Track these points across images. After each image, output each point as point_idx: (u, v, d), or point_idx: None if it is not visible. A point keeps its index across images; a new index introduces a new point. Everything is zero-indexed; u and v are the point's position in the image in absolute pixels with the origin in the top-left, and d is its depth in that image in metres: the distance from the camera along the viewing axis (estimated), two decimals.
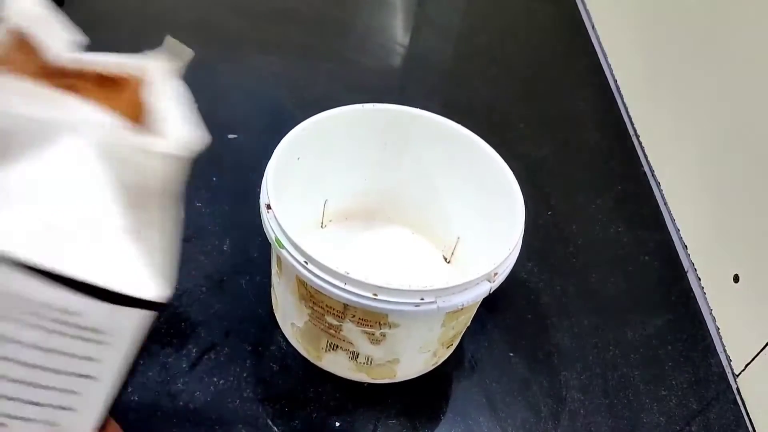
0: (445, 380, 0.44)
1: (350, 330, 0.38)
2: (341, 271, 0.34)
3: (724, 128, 0.52)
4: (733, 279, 0.49)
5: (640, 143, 0.66)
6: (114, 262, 0.25)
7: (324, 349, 0.41)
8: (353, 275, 0.34)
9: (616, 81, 0.73)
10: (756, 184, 0.47)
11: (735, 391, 0.47)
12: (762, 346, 0.45)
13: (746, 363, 0.46)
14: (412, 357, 0.41)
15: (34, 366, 0.24)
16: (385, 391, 0.42)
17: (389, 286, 0.34)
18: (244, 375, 0.42)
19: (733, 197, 0.51)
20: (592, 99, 0.71)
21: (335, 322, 0.38)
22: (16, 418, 0.24)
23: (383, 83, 0.66)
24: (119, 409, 0.40)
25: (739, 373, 0.47)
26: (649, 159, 0.64)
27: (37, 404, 0.25)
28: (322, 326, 0.39)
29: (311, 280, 0.35)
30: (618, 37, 0.75)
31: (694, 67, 0.57)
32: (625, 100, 0.70)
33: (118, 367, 0.26)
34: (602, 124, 0.68)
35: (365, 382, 0.42)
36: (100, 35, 0.71)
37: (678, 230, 0.57)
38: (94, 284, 0.24)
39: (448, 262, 0.49)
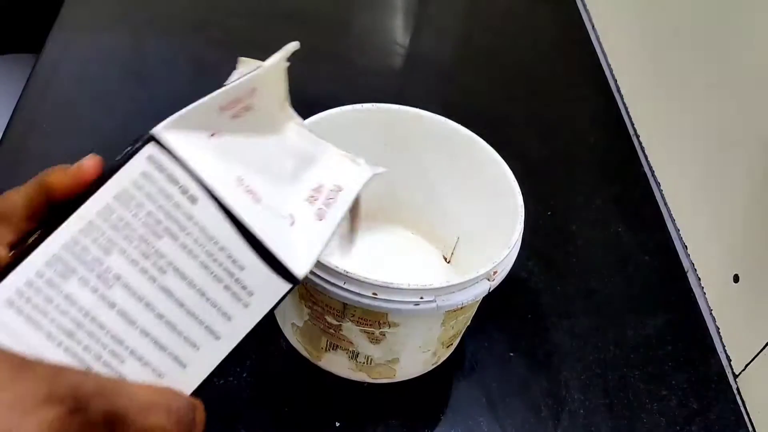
0: (445, 380, 0.44)
1: (350, 329, 0.38)
2: (341, 270, 0.34)
3: (725, 128, 0.52)
4: (733, 279, 0.49)
5: (640, 143, 0.66)
6: (287, 233, 0.27)
7: (324, 349, 0.41)
8: (353, 274, 0.34)
9: (616, 81, 0.73)
10: (756, 184, 0.47)
11: (735, 391, 0.47)
12: (762, 346, 0.45)
13: (746, 363, 0.46)
14: (411, 357, 0.41)
15: (182, 305, 0.25)
16: (385, 391, 0.42)
17: (389, 285, 0.34)
18: (244, 375, 0.42)
19: (733, 197, 0.51)
20: (592, 99, 0.71)
21: (335, 322, 0.38)
22: (136, 356, 0.25)
23: (383, 83, 0.66)
24: None
25: (739, 373, 0.47)
26: (649, 159, 0.64)
27: (161, 348, 0.25)
28: (321, 326, 0.39)
29: (311, 279, 0.35)
30: (618, 37, 0.75)
31: (695, 67, 0.57)
32: (625, 100, 0.70)
33: (242, 335, 0.27)
34: (602, 124, 0.68)
35: (365, 382, 0.42)
36: (100, 35, 0.71)
37: (678, 230, 0.57)
38: (267, 246, 0.26)
39: (448, 262, 0.49)
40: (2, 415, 0.19)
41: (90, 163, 0.25)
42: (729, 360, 0.48)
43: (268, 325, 0.45)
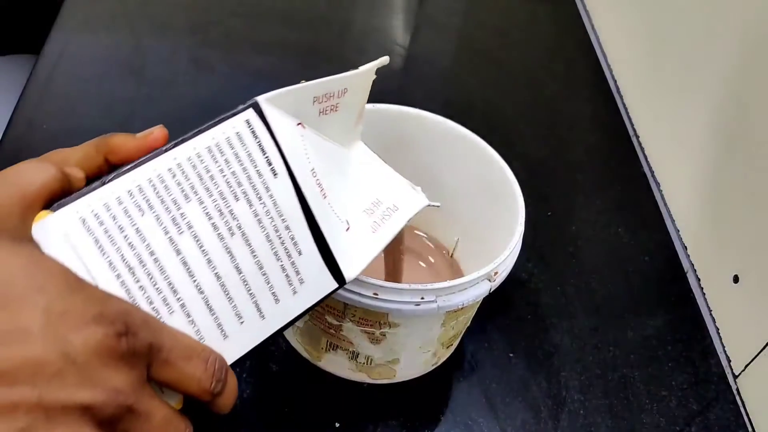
0: (445, 380, 0.44)
1: (350, 330, 0.38)
2: None
3: (725, 128, 0.52)
4: (733, 279, 0.49)
5: (640, 143, 0.66)
6: (343, 236, 0.29)
7: (324, 349, 0.41)
8: None
9: (616, 81, 0.73)
10: (756, 184, 0.47)
11: (735, 392, 0.47)
12: (762, 347, 0.45)
13: (746, 363, 0.46)
14: (411, 357, 0.41)
15: (240, 272, 0.25)
16: (385, 392, 0.42)
17: (389, 286, 0.34)
18: (244, 376, 0.42)
19: (732, 197, 0.51)
20: (592, 99, 0.71)
21: (335, 322, 0.38)
22: (185, 311, 0.25)
23: (383, 83, 0.66)
24: None
25: (739, 374, 0.47)
26: (649, 159, 0.64)
27: (210, 310, 0.25)
28: (322, 326, 0.39)
29: None
30: (618, 37, 0.75)
31: (695, 67, 0.57)
32: (625, 101, 0.70)
33: (283, 323, 0.27)
34: (602, 124, 0.68)
35: (365, 383, 0.42)
36: (100, 35, 0.71)
37: (678, 230, 0.57)
38: (326, 240, 0.27)
39: (449, 262, 0.49)
40: (53, 325, 0.19)
41: (159, 133, 0.26)
42: (729, 360, 0.48)
43: None
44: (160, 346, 0.22)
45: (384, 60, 0.32)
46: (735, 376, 0.47)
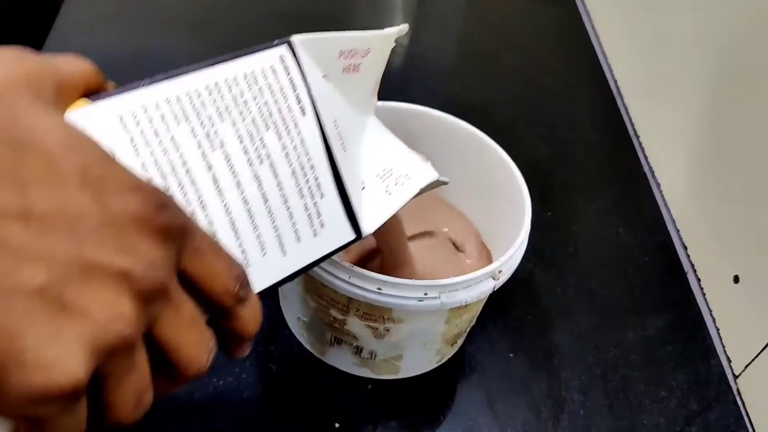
0: (445, 380, 0.44)
1: (354, 324, 0.38)
2: (346, 264, 0.34)
3: (725, 128, 0.52)
4: (733, 279, 0.49)
5: (640, 143, 0.66)
6: (359, 192, 0.29)
7: (329, 343, 0.41)
8: (358, 269, 0.34)
9: (616, 81, 0.73)
10: (756, 185, 0.47)
11: (735, 392, 0.47)
12: (762, 347, 0.45)
13: (746, 364, 0.46)
14: (415, 354, 0.41)
15: (266, 201, 0.26)
16: (386, 392, 0.42)
17: (393, 281, 0.34)
18: (243, 376, 0.42)
19: (733, 197, 0.51)
20: (592, 99, 0.71)
21: (340, 316, 0.38)
22: (210, 230, 0.25)
23: (382, 83, 0.66)
24: None
25: (739, 374, 0.47)
26: (649, 159, 0.64)
27: (235, 234, 0.25)
28: (327, 320, 0.39)
29: (317, 273, 0.35)
30: (618, 37, 0.75)
31: (695, 68, 0.57)
32: (625, 101, 0.70)
33: (302, 264, 0.27)
34: (602, 124, 0.68)
35: (368, 379, 0.42)
36: (99, 35, 0.71)
37: (678, 230, 0.57)
38: (347, 189, 0.28)
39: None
40: (90, 184, 0.18)
41: None
42: (729, 361, 0.48)
43: (268, 326, 0.45)
44: (193, 233, 0.21)
45: (404, 28, 0.32)
46: (735, 377, 0.47)
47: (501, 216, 0.45)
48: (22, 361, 0.17)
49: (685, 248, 0.56)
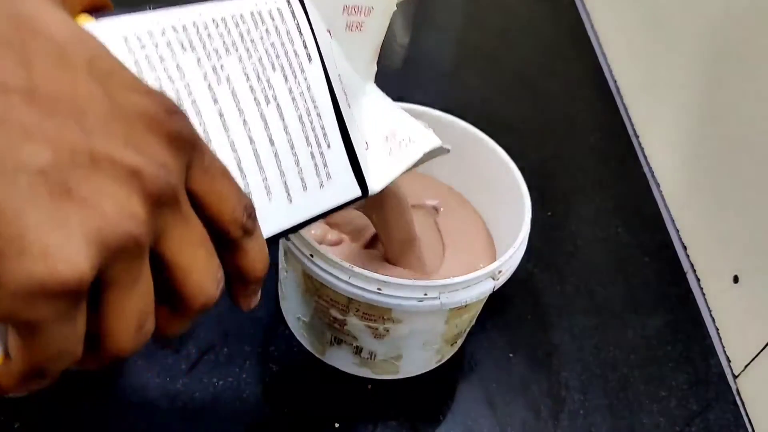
0: (445, 380, 0.44)
1: (354, 324, 0.38)
2: (346, 264, 0.34)
3: (725, 128, 0.52)
4: (733, 279, 0.49)
5: (640, 143, 0.66)
6: (364, 151, 0.28)
7: (329, 343, 0.41)
8: (357, 269, 0.34)
9: (615, 81, 0.73)
10: (756, 185, 0.47)
11: (734, 392, 0.47)
12: (762, 347, 0.45)
13: (746, 364, 0.46)
14: (415, 354, 0.41)
15: (272, 143, 0.25)
16: (385, 392, 0.42)
17: (393, 281, 0.34)
18: (243, 376, 0.42)
19: (733, 197, 0.51)
20: (592, 99, 0.71)
21: (339, 316, 0.38)
22: (243, 173, 0.24)
23: (383, 83, 0.66)
24: (116, 411, 0.40)
25: (739, 374, 0.47)
26: (649, 159, 0.64)
27: (241, 173, 0.24)
28: (327, 320, 0.39)
29: (317, 274, 0.35)
30: (618, 37, 0.75)
31: (695, 67, 0.57)
32: (625, 101, 0.70)
33: (306, 216, 0.26)
34: (602, 124, 0.68)
35: (368, 379, 0.42)
36: None
37: (678, 230, 0.57)
38: (353, 142, 0.27)
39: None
40: (97, 76, 0.17)
41: None
42: (729, 361, 0.48)
43: (267, 326, 0.45)
44: (202, 150, 0.20)
45: None
46: (735, 376, 0.47)
47: (501, 216, 0.45)
48: (23, 248, 0.15)
49: (685, 248, 0.56)
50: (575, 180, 0.61)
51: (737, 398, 0.46)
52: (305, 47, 0.26)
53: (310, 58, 0.26)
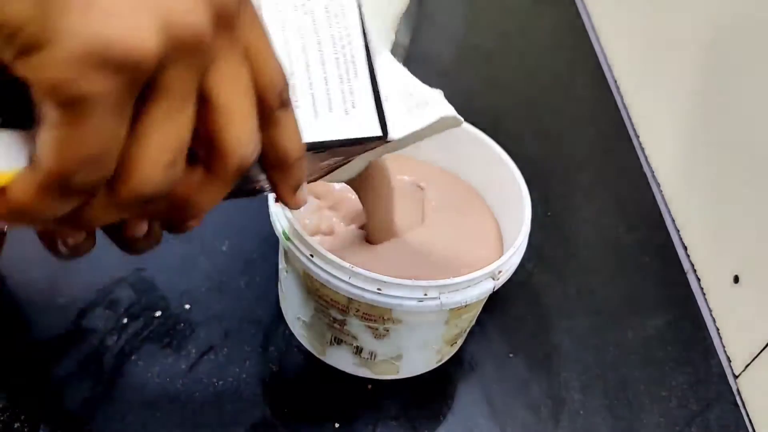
0: (445, 380, 0.44)
1: (354, 324, 0.38)
2: (346, 265, 0.34)
3: (725, 128, 0.52)
4: (733, 279, 0.49)
5: (640, 143, 0.66)
6: (384, 101, 0.28)
7: (329, 343, 0.41)
8: (357, 269, 0.34)
9: (616, 81, 0.73)
10: (756, 184, 0.47)
11: (735, 392, 0.47)
12: (762, 347, 0.45)
13: (746, 364, 0.46)
14: (415, 354, 0.41)
15: (305, 51, 0.25)
16: (385, 392, 0.42)
17: (393, 281, 0.34)
18: (243, 376, 0.42)
19: (733, 197, 0.50)
20: (592, 99, 0.71)
21: (339, 317, 0.38)
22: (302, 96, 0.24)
23: None
24: (116, 411, 0.40)
25: (739, 374, 0.47)
26: (649, 159, 0.64)
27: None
28: (327, 320, 0.39)
29: (317, 274, 0.35)
30: (618, 37, 0.75)
31: (695, 67, 0.57)
32: (624, 100, 0.70)
33: (330, 138, 0.26)
34: (602, 123, 0.68)
35: (368, 379, 0.42)
36: None
37: (678, 230, 0.57)
38: (378, 83, 0.27)
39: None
40: None
41: None
42: (729, 361, 0.48)
43: (267, 326, 0.45)
44: (248, 5, 0.19)
45: None
46: (735, 376, 0.47)
47: (501, 216, 0.45)
48: (91, 4, 0.14)
49: (685, 248, 0.56)
50: (575, 180, 0.61)
51: (737, 398, 0.46)
52: None
53: None
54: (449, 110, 0.31)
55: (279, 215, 0.37)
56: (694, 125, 0.56)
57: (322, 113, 0.25)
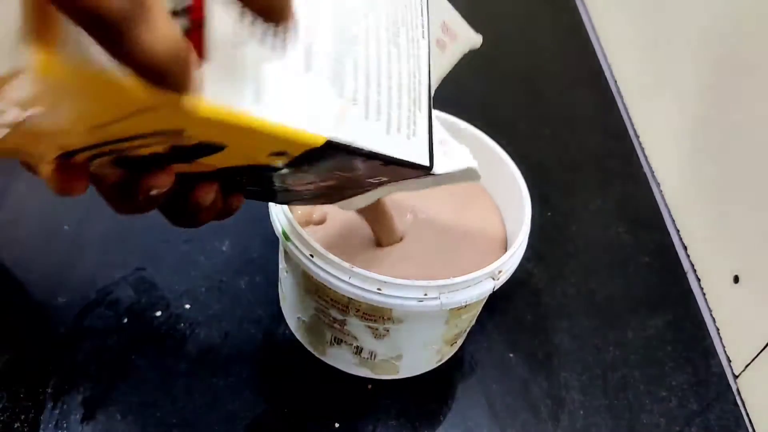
0: (445, 380, 0.44)
1: (354, 324, 0.38)
2: (346, 265, 0.34)
3: (725, 128, 0.52)
4: (733, 279, 0.49)
5: (640, 143, 0.66)
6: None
7: (329, 343, 0.41)
8: (358, 269, 0.34)
9: (615, 81, 0.73)
10: (756, 184, 0.47)
11: (735, 392, 0.47)
12: (762, 347, 0.45)
13: (746, 364, 0.46)
14: (415, 354, 0.41)
15: (390, 75, 0.26)
16: (385, 392, 0.42)
17: (393, 281, 0.34)
18: (243, 376, 0.42)
19: (733, 197, 0.51)
20: (592, 99, 0.71)
21: (340, 317, 0.38)
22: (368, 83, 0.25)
23: None
24: (116, 411, 0.40)
25: (739, 374, 0.47)
26: (649, 159, 0.64)
27: (367, 83, 0.26)
28: (327, 320, 0.39)
29: (317, 274, 0.35)
30: (618, 37, 0.75)
31: (694, 67, 0.57)
32: (624, 100, 0.70)
33: (390, 155, 0.27)
34: (602, 124, 0.68)
35: (368, 379, 0.42)
36: None
37: (678, 230, 0.57)
38: (432, 123, 0.29)
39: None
40: None
41: None
42: (729, 361, 0.48)
43: (267, 326, 0.45)
44: None
45: (480, 40, 0.36)
46: (735, 376, 0.47)
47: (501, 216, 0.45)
48: None
49: (685, 248, 0.56)
50: (575, 180, 0.61)
51: (737, 398, 0.46)
52: (423, 26, 0.29)
53: (423, 35, 0.29)
54: (474, 163, 0.33)
55: (279, 215, 0.38)
56: (694, 125, 0.56)
57: (392, 132, 0.27)
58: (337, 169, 0.27)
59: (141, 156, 0.22)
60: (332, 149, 0.23)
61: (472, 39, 0.35)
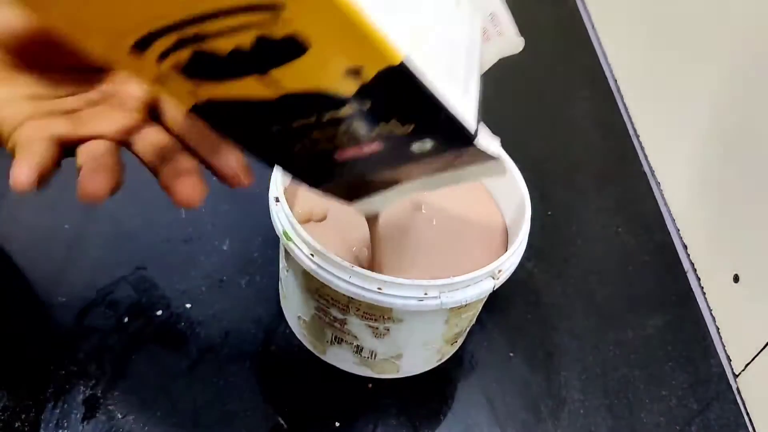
0: (446, 380, 0.44)
1: (354, 324, 0.38)
2: (346, 264, 0.34)
3: (725, 128, 0.52)
4: (733, 279, 0.49)
5: (640, 143, 0.66)
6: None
7: (329, 343, 0.41)
8: (358, 269, 0.34)
9: (616, 81, 0.73)
10: (756, 184, 0.47)
11: (735, 392, 0.47)
12: (762, 346, 0.45)
13: (746, 363, 0.46)
14: (415, 353, 0.41)
15: (453, 41, 0.27)
16: (385, 391, 0.42)
17: (393, 280, 0.34)
18: (243, 376, 0.42)
19: (733, 197, 0.51)
20: (592, 99, 0.71)
21: (340, 316, 0.38)
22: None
23: None
24: (116, 411, 0.40)
25: (739, 374, 0.47)
26: (649, 159, 0.64)
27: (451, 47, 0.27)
28: (327, 319, 0.39)
29: (317, 273, 0.35)
30: (618, 37, 0.75)
31: (695, 67, 0.57)
32: (625, 100, 0.70)
33: (446, 106, 0.27)
34: (602, 124, 0.68)
35: (368, 379, 0.42)
36: None
37: (678, 230, 0.57)
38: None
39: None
40: None
41: None
42: (729, 360, 0.48)
43: (267, 325, 0.45)
44: None
45: (522, 43, 0.36)
46: (735, 376, 0.47)
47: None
48: None
49: (685, 248, 0.56)
50: (575, 180, 0.61)
51: (737, 397, 0.46)
52: (475, 7, 0.29)
53: (476, 14, 0.30)
54: (504, 155, 0.34)
55: (279, 214, 0.38)
56: (695, 124, 0.56)
57: (452, 81, 0.27)
58: (392, 119, 0.26)
59: (220, 56, 0.21)
60: (403, 78, 0.23)
61: (515, 41, 0.34)
